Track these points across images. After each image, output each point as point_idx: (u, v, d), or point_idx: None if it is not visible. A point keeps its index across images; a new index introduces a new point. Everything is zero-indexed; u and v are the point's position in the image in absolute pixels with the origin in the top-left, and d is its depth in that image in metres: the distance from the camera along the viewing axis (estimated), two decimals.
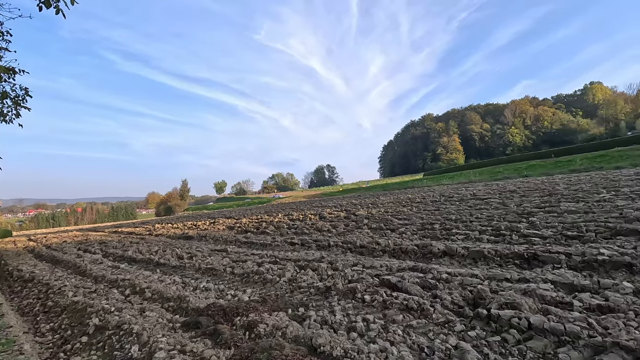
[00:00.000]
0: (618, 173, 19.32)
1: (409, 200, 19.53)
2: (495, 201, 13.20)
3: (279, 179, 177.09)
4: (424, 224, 9.89)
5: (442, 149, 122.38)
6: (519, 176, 30.00)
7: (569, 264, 4.88)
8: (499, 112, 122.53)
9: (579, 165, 28.84)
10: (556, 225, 7.42)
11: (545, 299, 3.54)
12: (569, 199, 11.23)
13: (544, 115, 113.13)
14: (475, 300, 3.71)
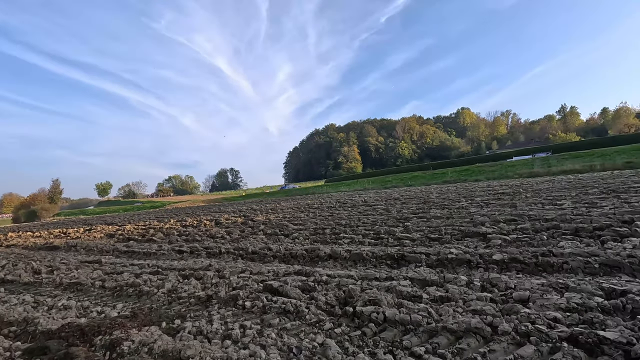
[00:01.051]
0: (476, 185, 23.38)
1: (307, 206, 20.23)
2: (381, 207, 14.62)
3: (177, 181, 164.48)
4: (316, 229, 10.36)
5: (343, 158, 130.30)
6: (404, 185, 33.83)
7: (428, 262, 5.70)
8: (391, 127, 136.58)
9: (450, 177, 33.98)
10: (424, 229, 8.59)
11: (402, 294, 4.06)
12: (437, 206, 13.12)
13: (427, 132, 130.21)
14: (346, 299, 4.04)
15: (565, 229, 6.85)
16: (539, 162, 33.05)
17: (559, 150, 48.89)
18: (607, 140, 50.11)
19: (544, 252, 5.29)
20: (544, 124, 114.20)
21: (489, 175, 31.43)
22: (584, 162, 27.90)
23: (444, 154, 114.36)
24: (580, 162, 27.94)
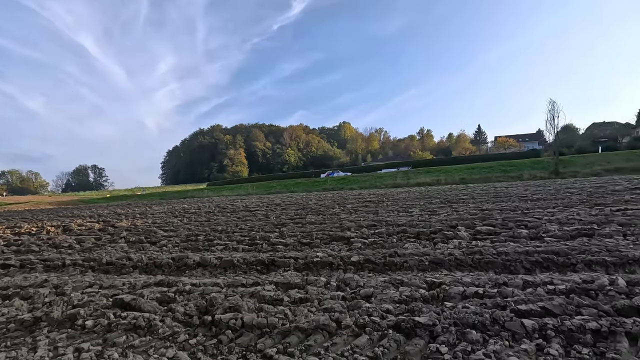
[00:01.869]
0: (350, 193, 25.72)
1: (183, 210, 18.88)
2: (261, 213, 14.71)
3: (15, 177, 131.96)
4: (189, 236, 9.76)
5: (229, 161, 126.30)
6: (287, 191, 34.81)
7: (295, 266, 6.00)
8: (279, 134, 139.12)
9: (329, 185, 36.52)
10: (298, 234, 9.01)
11: (264, 298, 4.17)
12: (314, 212, 13.94)
13: (313, 142, 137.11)
14: (207, 308, 3.93)
15: (410, 233, 8.15)
16: (401, 175, 38.45)
17: (417, 166, 57.75)
18: (450, 160, 61.83)
19: (391, 253, 6.17)
20: (407, 142, 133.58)
21: (362, 184, 35.02)
22: (433, 176, 33.72)
23: (326, 162, 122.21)
24: (430, 177, 33.68)
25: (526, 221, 8.63)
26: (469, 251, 6.01)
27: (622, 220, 7.92)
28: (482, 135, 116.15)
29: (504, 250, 5.86)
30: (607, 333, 2.85)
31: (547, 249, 5.80)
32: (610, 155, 37.79)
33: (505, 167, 34.69)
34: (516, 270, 5.20)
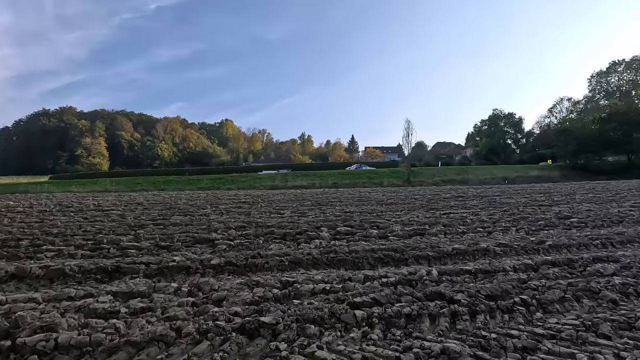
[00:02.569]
0: (225, 193, 24.87)
1: (6, 208, 15.00)
2: (116, 213, 12.85)
3: None
4: (6, 240, 7.78)
5: (83, 151, 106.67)
6: (156, 189, 31.46)
7: (146, 272, 5.40)
8: (151, 125, 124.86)
9: (205, 184, 34.57)
10: (157, 237, 8.17)
11: (95, 312, 3.60)
12: (182, 212, 12.93)
13: (191, 137, 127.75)
14: (8, 331, 3.16)
15: (278, 234, 8.33)
16: (280, 177, 39.27)
17: (296, 169, 59.97)
18: (326, 165, 66.37)
19: (254, 255, 6.17)
20: (289, 146, 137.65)
21: (241, 185, 34.36)
22: (309, 180, 35.56)
23: (205, 160, 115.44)
24: (307, 180, 35.43)
25: (378, 222, 9.85)
26: (326, 250, 6.48)
27: (446, 222, 9.81)
28: (355, 144, 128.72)
29: (355, 249, 6.53)
30: (416, 316, 3.44)
31: (389, 247, 6.71)
32: (446, 169, 46.77)
33: (370, 175, 39.18)
34: (362, 266, 5.85)
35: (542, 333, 3.10)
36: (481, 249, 6.50)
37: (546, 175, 40.64)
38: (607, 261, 5.45)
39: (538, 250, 6.52)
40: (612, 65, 66.69)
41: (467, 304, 3.62)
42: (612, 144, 47.07)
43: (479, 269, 5.14)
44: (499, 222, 9.73)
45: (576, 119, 59.82)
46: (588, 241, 7.04)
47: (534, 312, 3.60)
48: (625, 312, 3.49)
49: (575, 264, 5.43)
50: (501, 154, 67.14)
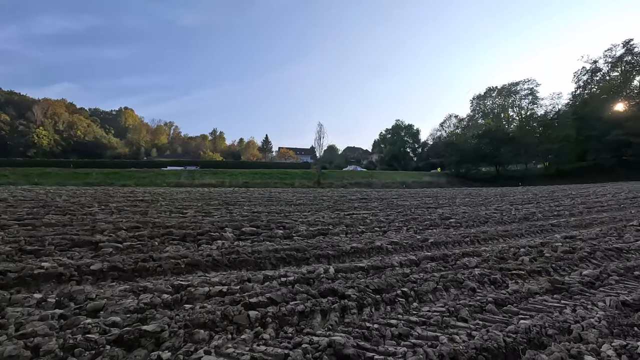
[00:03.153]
0: (120, 190, 22.27)
1: None
2: None
3: None
4: None
5: None
6: (28, 183, 26.49)
7: (2, 283, 4.50)
8: (26, 106, 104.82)
9: (94, 179, 30.40)
10: (22, 239, 6.87)
11: None
12: (59, 211, 11.12)
13: (79, 124, 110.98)
14: None
15: (177, 235, 7.77)
16: (186, 174, 36.80)
17: (206, 166, 56.84)
18: (238, 164, 64.53)
19: (145, 258, 5.64)
20: (199, 141, 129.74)
21: (140, 181, 31.15)
22: (219, 178, 34.13)
23: (97, 152, 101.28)
24: (216, 178, 33.93)
25: (285, 223, 9.95)
26: (227, 251, 6.28)
27: (349, 222, 10.41)
28: (269, 144, 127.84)
29: (258, 249, 6.48)
30: (309, 312, 3.56)
31: (292, 247, 6.83)
32: (354, 172, 49.78)
33: (282, 175, 39.45)
34: (264, 266, 5.83)
35: (415, 320, 3.51)
36: (376, 247, 7.07)
37: (436, 181, 46.36)
38: (472, 255, 6.45)
39: (422, 247, 7.37)
40: (487, 91, 79.36)
41: (356, 299, 3.89)
42: (486, 156, 56.17)
43: (371, 266, 5.58)
44: (394, 222, 10.71)
45: (460, 134, 69.68)
46: (461, 239, 8.23)
47: (411, 302, 4.05)
48: (480, 298, 4.17)
49: (449, 258, 6.29)
50: (401, 160, 74.38)
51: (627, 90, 58.58)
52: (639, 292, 4.56)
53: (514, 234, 9.24)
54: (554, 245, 7.20)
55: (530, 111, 69.00)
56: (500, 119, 73.02)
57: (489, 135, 56.62)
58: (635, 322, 3.43)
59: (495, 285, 4.73)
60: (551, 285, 4.67)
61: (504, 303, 4.06)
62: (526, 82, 70.25)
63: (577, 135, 50.28)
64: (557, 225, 10.49)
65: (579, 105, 56.89)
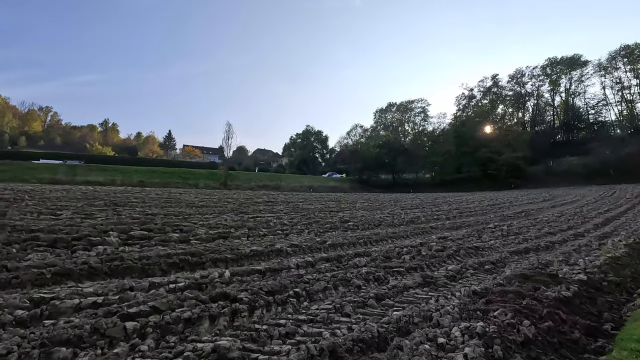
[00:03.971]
0: None
1: None
2: None
3: None
4: None
5: None
6: None
7: None
8: None
9: None
10: None
11: None
12: None
13: None
14: None
15: (44, 240, 6.65)
16: (66, 169, 31.63)
17: (92, 161, 49.67)
18: (134, 160, 58.08)
19: None
20: (85, 132, 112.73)
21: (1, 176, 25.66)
22: (108, 175, 30.22)
23: None
24: (105, 176, 29.97)
25: (183, 226, 9.35)
26: (109, 258, 5.63)
27: (252, 225, 10.30)
28: (172, 141, 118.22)
29: (147, 255, 5.96)
30: (196, 319, 3.43)
31: (187, 251, 6.47)
32: (262, 175, 49.43)
33: (185, 175, 36.91)
34: (153, 273, 5.39)
35: (303, 319, 3.68)
36: (275, 250, 7.16)
37: (340, 186, 49.03)
38: (363, 256, 7.03)
39: (320, 249, 7.73)
40: (388, 106, 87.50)
41: (248, 301, 3.90)
42: (385, 165, 61.69)
43: (269, 268, 5.64)
44: (297, 225, 10.99)
45: (364, 143, 75.09)
46: (356, 240, 8.89)
47: (302, 302, 4.23)
48: (364, 294, 4.59)
49: (342, 259, 6.75)
50: (310, 165, 76.62)
51: (493, 116, 71.20)
52: (486, 282, 5.58)
53: (401, 235, 10.38)
54: (429, 245, 8.32)
55: (422, 127, 78.72)
56: (398, 132, 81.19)
57: (388, 146, 62.60)
58: (478, 307, 4.19)
59: (378, 282, 5.25)
60: (423, 279, 5.39)
61: (383, 297, 4.53)
62: (419, 101, 79.90)
63: (456, 150, 59.01)
64: (435, 228, 12.13)
65: (458, 125, 66.78)
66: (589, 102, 65.92)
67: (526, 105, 72.71)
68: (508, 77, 71.70)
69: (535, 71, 69.30)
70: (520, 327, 3.58)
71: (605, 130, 62.35)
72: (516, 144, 53.43)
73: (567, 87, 67.79)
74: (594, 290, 5.51)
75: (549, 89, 69.71)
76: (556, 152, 57.98)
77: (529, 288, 5.04)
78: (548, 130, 68.32)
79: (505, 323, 3.62)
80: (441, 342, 3.18)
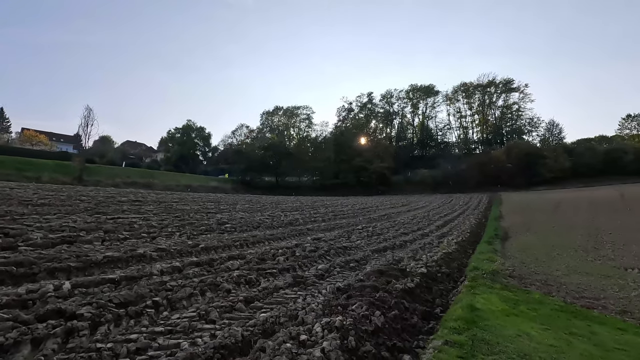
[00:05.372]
0: None
1: None
2: None
3: None
4: None
5: None
6: None
7: None
8: None
9: None
10: None
11: None
12: None
13: None
14: None
15: None
16: None
17: None
18: None
19: None
20: None
21: None
22: None
23: None
24: None
25: (9, 228, 7.47)
26: None
27: (110, 228, 8.93)
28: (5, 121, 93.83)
29: None
30: (12, 346, 2.75)
31: (11, 260, 5.17)
32: (131, 171, 43.63)
33: (22, 166, 29.65)
34: None
35: (160, 331, 3.34)
36: (137, 255, 6.37)
37: (222, 187, 47.17)
38: (237, 258, 6.86)
39: (191, 253, 7.21)
40: (275, 109, 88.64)
41: (91, 317, 3.33)
42: (269, 167, 62.09)
43: (126, 276, 4.96)
44: (167, 227, 10.03)
45: (250, 144, 74.12)
46: (232, 243, 8.61)
47: (162, 312, 3.85)
48: (233, 298, 4.46)
49: (214, 262, 6.43)
50: (190, 163, 71.32)
51: (367, 129, 79.70)
52: (349, 279, 6.12)
53: (278, 237, 10.55)
54: (304, 246, 8.68)
55: (307, 133, 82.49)
56: (284, 136, 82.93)
57: (273, 148, 63.21)
58: (340, 303, 4.54)
59: (249, 285, 5.18)
60: (294, 279, 5.57)
61: (253, 300, 4.50)
62: (305, 108, 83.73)
63: (335, 158, 63.74)
64: (312, 229, 12.77)
65: (338, 135, 72.31)
66: (438, 125, 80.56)
67: (393, 122, 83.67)
68: (380, 96, 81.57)
69: (401, 94, 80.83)
70: (372, 317, 4.02)
71: (449, 149, 76.63)
72: (384, 155, 60.89)
73: (424, 111, 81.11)
74: (431, 281, 6.63)
75: (410, 111, 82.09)
76: (413, 164, 68.35)
77: (383, 282, 5.73)
78: (408, 146, 79.91)
79: (360, 315, 4.01)
80: (303, 339, 3.31)
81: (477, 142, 77.28)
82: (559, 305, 5.73)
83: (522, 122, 71.54)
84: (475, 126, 77.46)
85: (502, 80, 72.40)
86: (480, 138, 77.37)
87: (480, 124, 76.50)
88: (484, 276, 7.11)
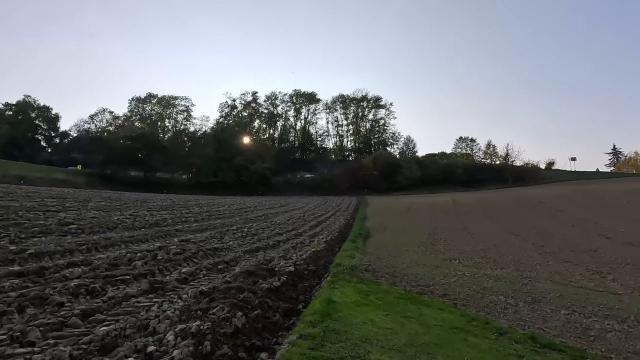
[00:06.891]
0: None
1: None
2: None
3: None
4: None
5: None
6: None
7: None
8: None
9: None
10: None
11: None
12: None
13: None
14: None
15: None
16: None
17: None
18: None
19: None
20: None
21: None
22: None
23: None
24: None
25: None
26: None
27: None
28: None
29: None
30: None
31: None
32: None
33: None
34: None
35: None
36: None
37: (72, 180, 39.60)
38: (81, 265, 5.83)
39: (13, 261, 5.78)
40: (148, 96, 79.12)
41: None
42: (137, 161, 54.99)
43: None
44: None
45: (113, 132, 64.30)
46: (75, 247, 7.26)
47: None
48: (65, 312, 3.75)
49: (47, 271, 5.31)
50: (26, 149, 57.44)
51: (250, 128, 78.75)
52: (215, 282, 5.88)
53: (140, 239, 9.41)
54: (168, 248, 7.97)
55: (184, 126, 76.23)
56: (157, 127, 74.66)
57: (143, 140, 56.01)
58: (201, 307, 4.33)
59: (92, 295, 4.46)
60: (150, 285, 5.05)
61: (94, 312, 3.88)
62: (184, 99, 77.32)
63: (215, 154, 60.70)
64: (181, 230, 11.83)
65: (219, 131, 69.20)
66: (318, 131, 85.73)
67: (276, 124, 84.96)
68: (265, 97, 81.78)
69: (285, 97, 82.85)
70: (233, 319, 3.95)
71: (326, 155, 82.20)
72: (266, 156, 61.17)
73: (306, 116, 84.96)
74: (297, 279, 6.94)
75: (293, 115, 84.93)
76: (294, 167, 70.75)
77: (249, 282, 5.71)
78: (290, 148, 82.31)
79: (220, 318, 3.90)
80: (150, 351, 3.01)
81: (351, 150, 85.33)
82: (400, 293, 6.74)
83: (387, 135, 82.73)
84: (350, 135, 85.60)
85: (373, 97, 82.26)
86: (354, 146, 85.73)
87: (354, 134, 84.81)
88: (344, 271, 7.82)
